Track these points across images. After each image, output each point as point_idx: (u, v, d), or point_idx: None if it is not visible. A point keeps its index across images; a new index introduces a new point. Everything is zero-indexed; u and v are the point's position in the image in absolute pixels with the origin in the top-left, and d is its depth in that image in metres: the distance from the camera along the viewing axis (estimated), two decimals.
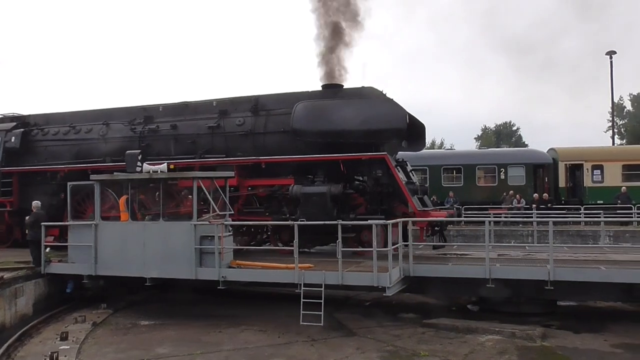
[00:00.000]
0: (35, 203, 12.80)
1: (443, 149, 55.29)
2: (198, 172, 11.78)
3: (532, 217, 17.49)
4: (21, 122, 16.70)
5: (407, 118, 12.68)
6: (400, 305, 12.13)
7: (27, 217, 12.65)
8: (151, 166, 11.43)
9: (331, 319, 10.71)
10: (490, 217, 14.19)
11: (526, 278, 10.25)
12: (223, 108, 14.22)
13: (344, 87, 13.66)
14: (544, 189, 22.43)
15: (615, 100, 48.07)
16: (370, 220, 11.06)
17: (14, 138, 15.97)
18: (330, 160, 12.83)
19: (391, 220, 10.28)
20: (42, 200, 13.34)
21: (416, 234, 13.67)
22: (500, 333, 9.71)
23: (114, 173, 12.51)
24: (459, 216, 16.43)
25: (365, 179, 13.24)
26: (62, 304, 12.28)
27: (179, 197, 13.02)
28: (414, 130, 13.30)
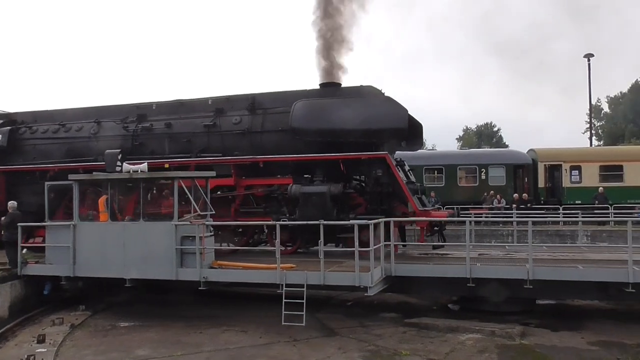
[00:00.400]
0: (11, 203, 12.54)
1: (425, 149, 55.66)
2: (179, 172, 11.65)
3: (512, 217, 17.72)
4: (8, 120, 16.28)
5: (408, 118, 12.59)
6: (382, 305, 12.18)
7: (3, 218, 12.39)
8: (131, 166, 11.26)
9: (313, 319, 10.69)
10: (471, 217, 14.36)
11: (506, 277, 10.38)
12: (219, 106, 14.00)
13: (342, 86, 13.52)
14: (524, 189, 22.77)
15: (593, 103, 49.01)
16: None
17: (0, 136, 15.54)
18: (329, 160, 12.64)
19: (373, 221, 10.30)
20: (31, 200, 13.01)
21: (408, 233, 13.82)
22: (480, 332, 9.82)
23: (93, 173, 12.33)
24: (458, 216, 16.37)
25: (364, 178, 13.16)
26: (39, 306, 12.05)
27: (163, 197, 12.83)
28: (412, 129, 13.16)
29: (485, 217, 19.31)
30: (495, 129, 70.03)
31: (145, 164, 11.44)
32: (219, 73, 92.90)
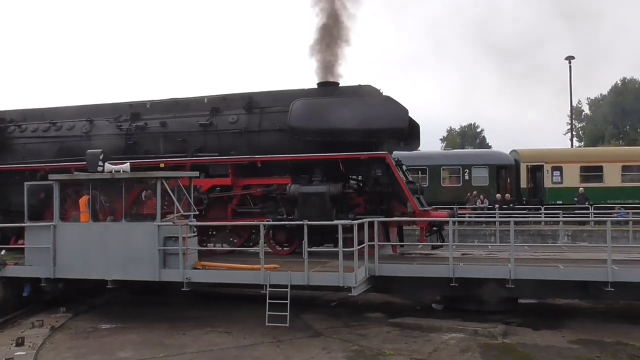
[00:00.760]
0: None
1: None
2: (162, 172, 11.53)
3: (495, 217, 17.91)
4: None
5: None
6: (366, 305, 12.21)
7: None
8: (113, 166, 11.13)
9: (297, 319, 10.68)
10: (465, 217, 14.43)
11: (488, 277, 10.47)
12: (215, 105, 13.81)
13: (340, 85, 13.42)
14: (507, 190, 23.02)
15: (574, 104, 49.81)
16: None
17: None
18: (328, 160, 12.50)
19: (357, 221, 10.32)
20: (21, 200, 12.68)
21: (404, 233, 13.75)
22: (463, 331, 9.89)
23: (74, 172, 12.15)
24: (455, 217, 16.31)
25: (361, 178, 13.10)
26: (19, 308, 11.84)
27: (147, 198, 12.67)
28: (410, 129, 13.10)
29: (469, 217, 19.51)
30: (479, 130, 70.73)
31: (128, 164, 11.32)
32: (213, 72, 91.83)
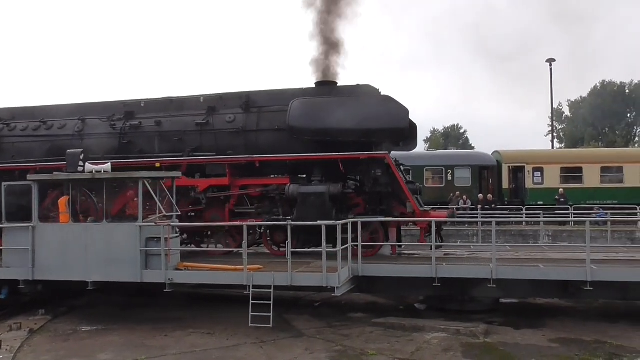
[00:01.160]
0: None
1: None
2: (144, 173, 11.39)
3: (477, 218, 18.08)
4: None
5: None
6: (350, 305, 12.23)
7: None
8: (94, 166, 10.97)
9: (281, 320, 10.66)
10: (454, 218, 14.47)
11: (470, 277, 10.56)
12: (211, 104, 13.62)
13: (338, 85, 13.33)
14: (489, 190, 23.27)
15: (555, 106, 50.56)
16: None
17: None
18: (328, 160, 12.41)
19: (340, 221, 10.33)
20: (10, 201, 12.39)
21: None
22: (445, 331, 9.97)
23: (54, 173, 11.94)
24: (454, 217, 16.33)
25: (359, 178, 13.03)
26: None
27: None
28: (409, 129, 13.03)
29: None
30: (462, 131, 71.36)
31: (109, 164, 11.17)
32: (206, 71, 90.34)
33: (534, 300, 12.51)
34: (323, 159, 12.48)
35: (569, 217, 19.28)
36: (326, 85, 13.29)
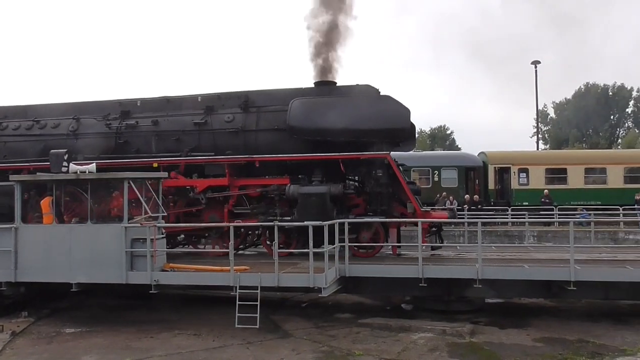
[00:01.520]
0: None
1: None
2: (129, 173, 11.28)
3: (464, 218, 18.20)
4: None
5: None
6: (337, 306, 12.24)
7: None
8: (78, 166, 10.85)
9: (267, 321, 10.65)
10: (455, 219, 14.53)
11: (456, 277, 10.63)
12: (209, 104, 13.50)
13: (338, 85, 13.26)
14: (475, 191, 23.44)
15: (540, 108, 51.15)
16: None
17: None
18: (328, 160, 12.34)
19: (326, 222, 10.33)
20: (3, 201, 12.16)
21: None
22: (431, 331, 10.02)
23: (37, 173, 11.78)
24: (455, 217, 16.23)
25: (358, 179, 12.98)
26: None
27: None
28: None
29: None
30: (449, 132, 71.80)
31: (94, 164, 11.05)
32: (201, 70, 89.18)
33: (519, 300, 12.63)
34: (324, 159, 12.41)
35: (554, 218, 19.50)
36: (325, 85, 13.23)
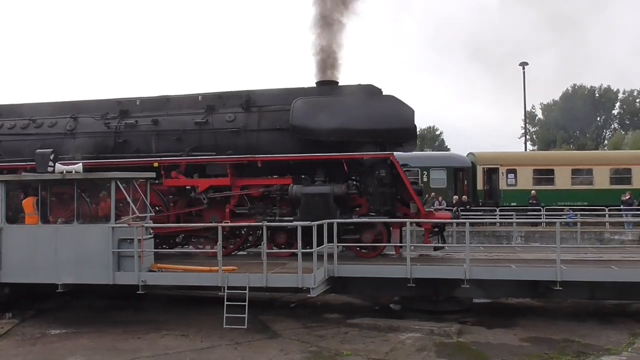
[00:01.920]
0: None
1: None
2: (116, 173, 11.19)
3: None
4: None
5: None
6: (326, 306, 12.24)
7: None
8: (64, 166, 10.74)
9: (256, 321, 10.61)
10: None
11: (444, 277, 10.68)
12: (210, 103, 13.41)
13: (340, 85, 13.20)
14: (464, 192, 23.56)
15: (528, 109, 51.58)
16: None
17: None
18: (331, 160, 12.28)
19: (315, 222, 10.32)
20: None
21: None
22: (419, 331, 10.06)
23: (22, 173, 11.65)
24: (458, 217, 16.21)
25: (359, 179, 12.95)
26: None
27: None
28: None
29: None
30: (438, 133, 72.14)
31: (80, 164, 10.95)
32: (196, 69, 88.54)
33: (506, 300, 12.71)
34: (328, 159, 12.35)
35: (541, 219, 19.66)
36: (327, 85, 13.17)
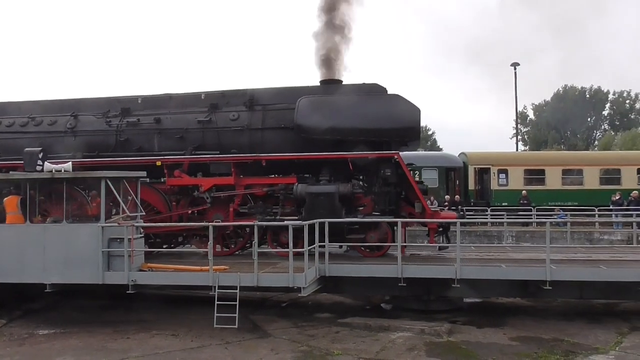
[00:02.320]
0: None
1: None
2: (106, 172, 11.11)
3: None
4: None
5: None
6: (317, 306, 12.24)
7: None
8: (54, 165, 10.65)
9: (246, 320, 10.59)
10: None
11: (435, 277, 10.70)
12: (213, 101, 13.34)
13: (344, 83, 13.16)
14: (455, 191, 23.63)
15: (520, 109, 51.84)
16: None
17: None
18: (336, 159, 12.21)
19: (306, 222, 10.31)
20: None
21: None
22: (410, 330, 10.07)
23: (10, 172, 11.52)
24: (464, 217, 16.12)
25: (364, 178, 12.91)
26: None
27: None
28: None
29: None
30: (430, 132, 72.33)
31: (70, 163, 10.86)
32: (196, 67, 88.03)
33: (496, 300, 12.77)
34: (333, 158, 12.28)
35: (532, 219, 19.77)
36: (332, 84, 13.12)
